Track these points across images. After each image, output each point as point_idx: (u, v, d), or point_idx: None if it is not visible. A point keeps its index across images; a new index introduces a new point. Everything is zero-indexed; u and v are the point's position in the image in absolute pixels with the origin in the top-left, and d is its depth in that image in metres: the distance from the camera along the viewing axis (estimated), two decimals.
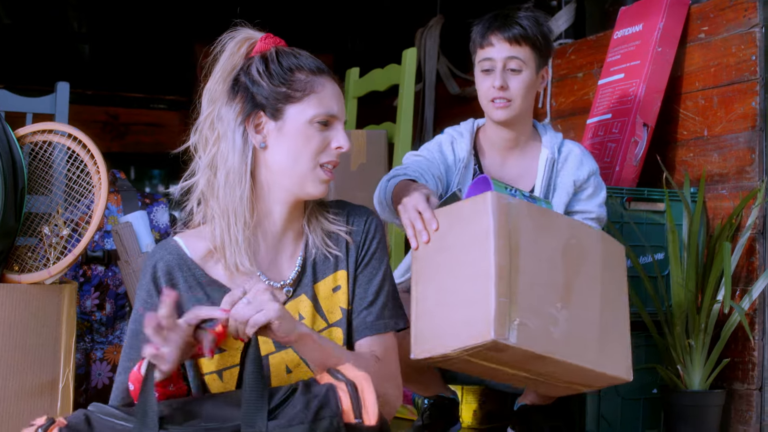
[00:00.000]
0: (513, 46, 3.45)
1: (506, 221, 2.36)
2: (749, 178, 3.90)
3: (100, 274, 4.15)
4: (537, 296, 2.38)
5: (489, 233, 2.35)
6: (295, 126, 2.44)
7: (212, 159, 2.44)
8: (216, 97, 2.46)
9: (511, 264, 2.34)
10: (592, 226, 3.51)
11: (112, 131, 7.93)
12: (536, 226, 2.43)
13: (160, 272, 2.43)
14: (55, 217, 3.48)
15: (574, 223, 2.59)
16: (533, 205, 2.49)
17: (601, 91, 4.49)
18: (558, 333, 2.40)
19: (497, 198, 2.38)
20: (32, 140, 3.51)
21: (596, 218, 3.58)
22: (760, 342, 3.83)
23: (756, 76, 3.90)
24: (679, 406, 3.76)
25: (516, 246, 2.36)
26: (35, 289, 3.34)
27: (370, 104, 5.81)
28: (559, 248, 2.47)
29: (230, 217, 2.42)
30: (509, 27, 3.46)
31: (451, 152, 3.53)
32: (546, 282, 2.41)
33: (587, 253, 2.53)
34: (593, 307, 2.50)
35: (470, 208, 2.44)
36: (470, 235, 2.40)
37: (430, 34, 6.31)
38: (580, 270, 2.49)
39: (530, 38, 3.45)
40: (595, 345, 2.49)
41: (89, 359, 4.14)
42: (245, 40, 2.49)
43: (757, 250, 3.86)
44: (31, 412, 3.23)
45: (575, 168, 3.54)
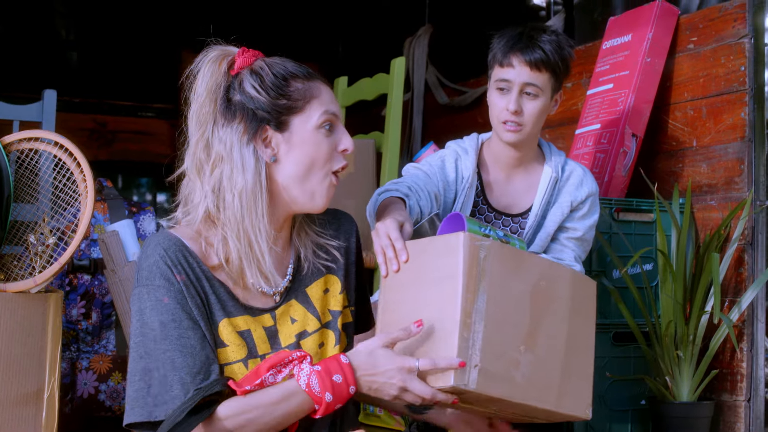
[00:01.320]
0: (533, 71, 3.38)
1: (476, 264, 2.36)
2: (738, 188, 3.90)
3: (86, 283, 4.13)
4: (500, 340, 2.37)
5: (457, 275, 2.34)
6: (303, 135, 2.43)
7: (216, 182, 2.41)
8: (204, 119, 2.42)
9: (476, 308, 2.33)
10: (570, 252, 3.52)
11: (100, 139, 7.91)
12: (506, 269, 2.42)
13: (172, 260, 2.38)
14: (41, 225, 3.46)
15: (545, 264, 2.56)
16: (506, 247, 2.48)
17: (589, 102, 4.49)
18: (519, 376, 2.41)
19: (469, 239, 2.36)
20: (18, 148, 3.49)
21: (580, 238, 3.54)
22: (749, 353, 3.83)
23: (745, 87, 3.91)
24: (667, 417, 3.75)
25: (484, 290, 2.35)
26: (21, 297, 3.32)
27: (358, 113, 5.80)
28: (528, 291, 2.46)
29: (251, 235, 2.39)
30: (532, 50, 3.38)
31: (453, 170, 3.50)
32: (511, 325, 2.41)
33: (556, 295, 2.52)
34: (558, 349, 2.51)
35: (442, 245, 2.43)
36: (439, 274, 2.39)
37: (419, 43, 6.31)
38: (548, 312, 2.49)
39: (551, 64, 3.38)
40: (555, 387, 2.50)
41: (75, 368, 4.11)
42: (222, 56, 2.46)
43: (746, 261, 3.86)
44: (16, 421, 3.21)
45: (575, 188, 3.52)
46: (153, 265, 2.38)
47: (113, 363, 4.25)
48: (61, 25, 8.11)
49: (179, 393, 2.31)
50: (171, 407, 2.30)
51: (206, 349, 2.35)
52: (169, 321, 2.34)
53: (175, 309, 2.34)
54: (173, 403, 2.30)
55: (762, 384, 3.84)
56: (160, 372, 2.33)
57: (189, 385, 2.30)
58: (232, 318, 2.42)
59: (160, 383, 2.33)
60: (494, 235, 2.59)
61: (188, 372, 2.32)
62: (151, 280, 2.38)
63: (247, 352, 2.40)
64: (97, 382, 4.25)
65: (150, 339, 2.35)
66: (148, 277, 2.39)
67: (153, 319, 2.36)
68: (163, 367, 2.33)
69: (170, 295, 2.36)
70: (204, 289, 2.41)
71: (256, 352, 2.42)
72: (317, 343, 2.50)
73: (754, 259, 3.87)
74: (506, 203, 3.55)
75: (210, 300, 2.41)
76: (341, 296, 2.60)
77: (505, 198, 3.55)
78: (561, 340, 2.51)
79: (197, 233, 2.44)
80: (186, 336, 2.34)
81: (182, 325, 2.34)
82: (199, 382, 2.31)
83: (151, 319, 2.36)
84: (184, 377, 2.31)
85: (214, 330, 2.40)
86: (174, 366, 2.32)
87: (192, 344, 2.34)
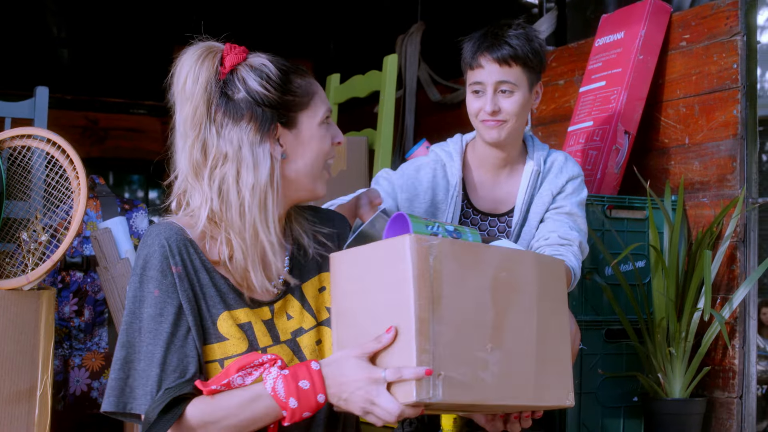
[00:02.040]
0: (503, 67, 3.36)
1: (427, 267, 2.21)
2: (730, 186, 3.91)
3: (78, 280, 4.13)
4: (464, 343, 2.24)
5: (408, 282, 2.19)
6: (311, 131, 2.44)
7: (221, 182, 2.39)
8: (199, 120, 2.39)
9: (434, 314, 2.19)
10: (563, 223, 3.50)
11: (92, 136, 7.91)
12: (461, 266, 2.27)
13: (173, 250, 2.36)
14: (33, 222, 3.45)
15: (505, 252, 2.40)
16: (457, 243, 2.33)
17: (582, 99, 4.49)
18: (489, 377, 2.28)
19: (416, 241, 2.20)
20: (11, 145, 3.48)
21: (569, 213, 3.51)
22: (741, 350, 3.83)
23: (737, 84, 3.91)
24: (659, 414, 3.76)
25: (438, 293, 2.21)
26: (13, 295, 3.31)
27: (350, 111, 5.80)
28: (488, 285, 2.31)
29: (261, 234, 2.38)
30: (499, 47, 3.36)
31: (430, 179, 3.48)
32: (474, 325, 2.27)
33: (520, 283, 2.39)
34: (528, 341, 2.38)
35: (388, 250, 2.27)
36: (389, 281, 2.25)
37: (411, 41, 6.31)
38: (512, 304, 2.36)
39: (521, 58, 3.36)
40: (531, 380, 2.38)
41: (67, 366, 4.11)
42: (209, 53, 2.42)
43: (738, 258, 3.87)
44: (9, 419, 3.21)
45: (554, 176, 3.52)
46: (150, 255, 2.37)
47: (106, 360, 4.25)
48: (53, 22, 8.11)
49: (154, 389, 2.30)
50: (144, 402, 2.30)
51: (187, 347, 2.33)
52: (156, 315, 2.33)
53: (163, 303, 2.33)
54: (146, 398, 2.30)
55: (754, 381, 3.84)
56: (140, 365, 2.33)
57: (164, 382, 2.30)
58: (232, 310, 2.42)
59: (138, 376, 2.33)
60: (443, 231, 2.50)
61: (166, 369, 2.31)
62: (146, 270, 2.37)
63: (248, 346, 2.39)
64: (89, 380, 4.24)
65: (135, 329, 2.35)
66: (143, 266, 2.37)
67: (141, 310, 2.35)
68: (144, 360, 2.33)
69: (161, 288, 2.34)
70: (201, 282, 2.40)
71: (257, 345, 2.41)
72: (314, 340, 2.50)
73: (746, 256, 3.88)
74: (492, 205, 3.55)
75: (208, 293, 2.40)
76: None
77: (490, 199, 3.55)
78: (531, 330, 2.39)
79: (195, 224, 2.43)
80: (169, 332, 2.32)
81: (167, 320, 2.32)
82: (174, 380, 2.30)
83: (140, 310, 2.36)
84: (160, 374, 2.30)
85: (213, 323, 2.39)
86: (153, 361, 2.32)
87: (173, 341, 2.32)
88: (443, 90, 6.11)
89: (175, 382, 2.30)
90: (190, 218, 2.44)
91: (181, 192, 2.45)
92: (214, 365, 2.40)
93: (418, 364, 2.15)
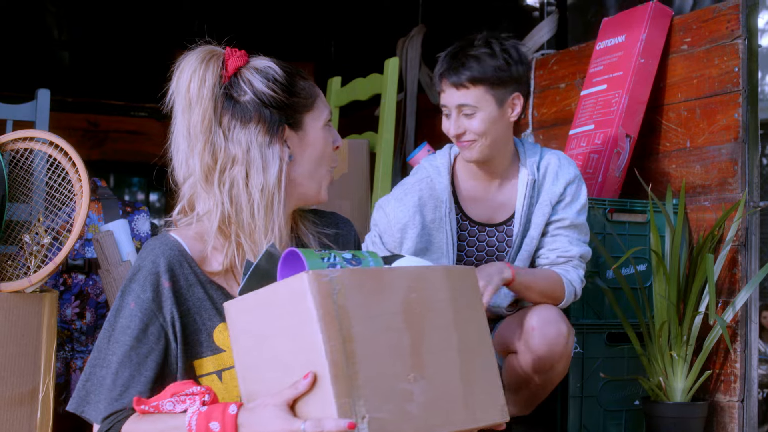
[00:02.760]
0: (461, 91, 3.36)
1: (331, 304, 2.04)
2: (731, 189, 3.91)
3: (80, 283, 4.12)
4: (384, 378, 2.09)
5: (313, 324, 2.03)
6: (315, 133, 2.44)
7: (231, 186, 2.39)
8: (209, 123, 2.39)
9: (347, 354, 2.04)
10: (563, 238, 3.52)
11: (92, 139, 7.90)
12: (367, 296, 2.11)
13: (163, 267, 2.35)
14: (35, 225, 3.45)
15: (411, 272, 2.24)
16: (358, 272, 2.17)
17: (583, 102, 4.49)
18: (416, 408, 2.13)
19: (315, 278, 2.04)
20: (13, 148, 3.48)
21: (570, 225, 3.54)
22: (743, 354, 3.83)
23: (739, 88, 3.91)
24: (661, 417, 3.76)
25: (348, 330, 2.05)
26: (15, 297, 3.31)
27: (351, 114, 5.80)
28: (399, 310, 2.15)
29: (266, 238, 2.38)
30: (456, 71, 3.35)
31: (415, 201, 3.48)
32: (391, 356, 2.12)
33: (432, 301, 2.23)
34: (451, 361, 2.23)
35: (286, 292, 2.10)
36: (293, 325, 2.09)
37: (412, 44, 6.31)
38: (428, 324, 2.20)
39: (478, 79, 3.34)
40: (461, 403, 2.23)
41: (69, 368, 4.11)
42: (212, 57, 2.42)
43: (740, 262, 3.87)
44: (11, 421, 3.21)
45: (550, 184, 3.51)
46: (138, 269, 2.37)
47: None
48: (54, 24, 8.10)
49: (102, 396, 2.32)
50: (94, 409, 2.31)
51: (144, 365, 2.32)
52: (125, 327, 2.33)
53: (134, 317, 2.33)
54: (97, 405, 2.32)
55: (755, 385, 3.84)
56: (101, 371, 2.35)
57: (111, 392, 2.30)
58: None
59: (96, 381, 2.35)
60: (341, 261, 2.26)
61: (116, 380, 2.31)
62: (130, 282, 2.37)
63: None
64: None
65: (105, 337, 2.37)
66: (130, 278, 2.38)
67: (115, 320, 2.37)
68: (104, 368, 2.34)
69: (137, 302, 2.34)
70: (195, 296, 2.39)
71: None
72: None
73: (747, 260, 3.88)
74: (488, 215, 3.55)
75: (203, 306, 2.39)
76: None
77: (486, 210, 3.54)
78: (452, 349, 2.24)
79: (199, 233, 2.43)
80: (129, 345, 2.32)
81: (131, 334, 2.32)
82: (119, 394, 2.30)
83: (114, 319, 2.37)
84: (111, 384, 2.31)
85: (209, 335, 2.39)
86: (109, 370, 2.33)
87: (131, 355, 2.32)
88: None
89: (119, 396, 2.30)
90: (191, 227, 2.44)
91: (187, 197, 2.44)
92: (211, 377, 2.40)
93: (339, 413, 2.01)
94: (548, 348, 3.37)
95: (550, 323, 3.38)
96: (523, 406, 3.61)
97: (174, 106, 2.43)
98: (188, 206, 2.45)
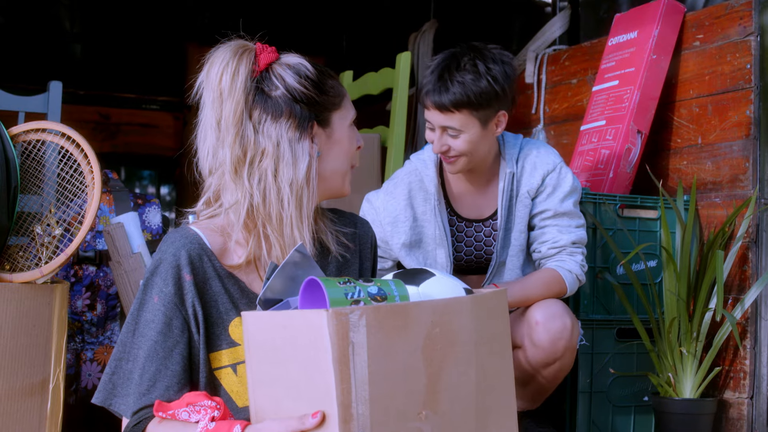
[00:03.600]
0: (445, 114, 3.36)
1: (348, 345, 2.00)
2: (743, 186, 3.91)
3: (91, 275, 4.14)
4: (394, 417, 2.05)
5: (328, 364, 1.99)
6: (341, 131, 2.47)
7: (261, 177, 2.40)
8: (240, 116, 2.39)
9: (358, 395, 2.00)
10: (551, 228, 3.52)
11: (104, 131, 7.92)
12: (388, 334, 2.06)
13: (183, 260, 2.36)
14: (47, 216, 3.46)
15: (437, 305, 2.16)
16: (382, 309, 2.08)
17: (595, 98, 4.49)
18: None
19: (335, 317, 1.98)
20: (25, 139, 3.49)
21: (555, 215, 3.52)
22: (752, 351, 3.83)
23: (751, 85, 3.91)
24: (670, 414, 3.76)
25: (363, 370, 2.01)
26: (26, 288, 3.32)
27: (363, 108, 5.80)
28: (419, 346, 2.10)
29: (295, 231, 2.39)
30: (440, 93, 3.34)
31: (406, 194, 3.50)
32: (404, 394, 2.07)
33: (456, 333, 2.17)
34: (467, 396, 2.18)
35: (304, 324, 2.06)
36: (308, 358, 2.05)
37: (424, 39, 6.31)
38: (447, 358, 2.15)
39: (463, 103, 3.33)
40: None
41: (80, 360, 4.12)
42: (245, 51, 2.43)
43: (750, 259, 3.86)
44: (22, 412, 3.22)
45: (528, 175, 3.53)
46: (160, 262, 2.39)
47: None
48: (66, 17, 8.12)
49: (131, 390, 2.34)
50: (123, 402, 2.35)
51: (170, 359, 2.34)
52: (149, 321, 2.35)
53: (158, 311, 2.35)
54: (126, 399, 2.35)
55: (765, 382, 3.84)
56: (127, 365, 2.37)
57: (140, 387, 2.33)
58: None
59: (122, 375, 2.37)
60: (365, 295, 2.17)
61: (143, 374, 2.34)
62: (153, 275, 2.39)
63: None
64: (101, 374, 4.25)
65: (130, 330, 2.39)
66: (152, 271, 2.39)
67: (139, 313, 2.39)
68: (130, 361, 2.37)
69: (161, 296, 2.36)
70: (213, 290, 2.40)
71: None
72: None
73: (758, 257, 3.87)
74: (476, 212, 3.57)
75: (220, 300, 2.41)
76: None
77: (472, 206, 3.56)
78: (470, 383, 2.19)
79: (221, 226, 2.44)
80: (154, 339, 2.34)
81: (156, 328, 2.34)
82: (147, 388, 2.32)
83: (138, 313, 2.39)
84: (138, 378, 2.33)
85: (225, 329, 2.40)
86: (136, 363, 2.35)
87: (157, 349, 2.34)
88: None
89: (147, 391, 2.32)
90: (212, 220, 2.45)
91: (213, 189, 2.45)
92: (227, 370, 2.41)
93: None
94: (553, 342, 3.40)
95: (554, 317, 3.41)
96: (531, 401, 3.62)
97: (202, 98, 2.43)
98: (213, 197, 2.45)
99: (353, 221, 2.69)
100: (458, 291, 2.32)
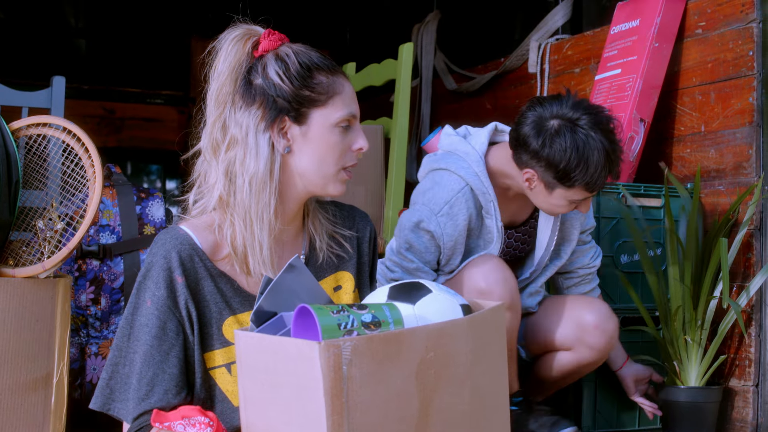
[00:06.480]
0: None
1: (339, 378, 1.99)
2: (746, 173, 3.90)
3: (95, 269, 4.13)
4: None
5: (319, 394, 1.99)
6: (321, 131, 2.39)
7: (229, 165, 2.38)
8: (224, 99, 2.38)
9: (350, 425, 2.00)
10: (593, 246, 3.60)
11: (109, 126, 7.93)
12: (381, 363, 2.04)
13: (175, 262, 2.36)
14: (49, 211, 3.46)
15: (432, 330, 2.13)
16: (375, 339, 2.05)
17: (597, 87, 4.48)
18: None
19: (326, 350, 1.96)
20: (27, 133, 3.49)
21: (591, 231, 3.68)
22: (757, 338, 3.82)
23: (753, 72, 3.90)
24: (675, 402, 3.75)
25: (354, 399, 2.00)
26: (29, 283, 3.32)
27: (366, 99, 5.79)
28: (413, 373, 2.08)
29: (255, 224, 2.36)
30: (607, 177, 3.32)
31: (465, 213, 3.38)
32: (397, 420, 2.07)
33: (451, 356, 2.15)
34: (460, 417, 2.18)
35: (297, 353, 2.04)
36: (300, 386, 2.04)
37: (427, 30, 6.30)
38: (441, 382, 2.13)
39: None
40: None
41: (84, 354, 4.12)
42: (247, 35, 2.41)
43: (754, 246, 3.86)
44: (26, 406, 3.22)
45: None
46: (152, 265, 2.39)
47: None
48: (70, 12, 8.13)
49: (130, 395, 2.35)
50: (122, 406, 2.36)
51: (166, 363, 2.35)
52: (143, 325, 2.36)
53: (152, 315, 2.35)
54: (124, 403, 2.35)
55: None
56: (124, 369, 2.38)
57: (138, 392, 2.33)
58: (237, 315, 2.42)
59: (119, 379, 2.38)
60: (358, 324, 2.12)
61: (141, 379, 2.34)
62: (145, 279, 2.39)
63: None
64: None
65: (125, 335, 2.40)
66: (144, 274, 2.40)
67: (133, 317, 2.39)
68: (127, 365, 2.38)
69: (153, 299, 2.36)
70: (205, 290, 2.40)
71: None
72: None
73: (762, 244, 3.87)
74: (509, 219, 3.53)
75: (213, 299, 2.40)
76: (354, 293, 2.58)
77: (507, 213, 3.52)
78: (464, 403, 2.18)
79: (210, 222, 2.43)
80: (150, 344, 2.35)
81: (151, 333, 2.35)
82: (145, 394, 2.33)
83: (132, 317, 2.39)
84: (136, 383, 2.34)
85: (218, 328, 2.40)
86: (133, 368, 2.36)
87: (152, 353, 2.34)
88: (459, 79, 6.10)
89: (147, 396, 2.33)
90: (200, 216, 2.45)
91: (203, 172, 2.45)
92: (221, 370, 2.41)
93: None
94: (610, 343, 3.51)
95: (608, 318, 3.50)
96: (538, 392, 3.64)
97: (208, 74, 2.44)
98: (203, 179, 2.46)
99: (352, 216, 2.67)
100: (455, 309, 2.28)
